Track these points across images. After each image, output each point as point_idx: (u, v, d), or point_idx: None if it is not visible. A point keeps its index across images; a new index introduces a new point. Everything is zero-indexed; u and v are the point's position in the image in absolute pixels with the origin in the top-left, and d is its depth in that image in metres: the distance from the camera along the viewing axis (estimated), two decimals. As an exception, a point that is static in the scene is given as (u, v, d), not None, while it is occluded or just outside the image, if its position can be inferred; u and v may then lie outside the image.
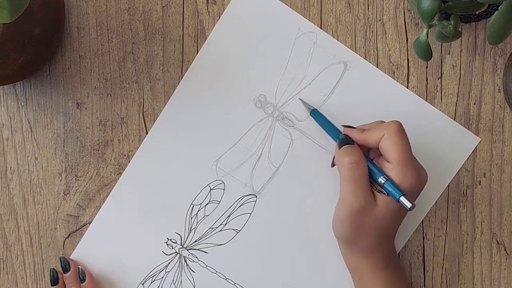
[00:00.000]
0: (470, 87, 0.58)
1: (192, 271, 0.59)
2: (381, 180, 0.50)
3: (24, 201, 0.60)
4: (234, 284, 0.59)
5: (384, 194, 0.50)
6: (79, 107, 0.59)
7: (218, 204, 0.59)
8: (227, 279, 0.59)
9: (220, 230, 0.59)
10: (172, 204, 0.59)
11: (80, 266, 0.58)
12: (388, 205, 0.50)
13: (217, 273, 0.59)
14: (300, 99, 0.58)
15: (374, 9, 0.58)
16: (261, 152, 0.59)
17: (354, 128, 0.54)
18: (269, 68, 0.58)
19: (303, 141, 0.58)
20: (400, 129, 0.51)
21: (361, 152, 0.52)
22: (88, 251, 0.59)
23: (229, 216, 0.59)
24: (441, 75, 0.58)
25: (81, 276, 0.58)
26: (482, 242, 0.59)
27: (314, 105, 0.58)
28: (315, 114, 0.57)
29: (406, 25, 0.58)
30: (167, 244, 0.59)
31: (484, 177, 0.59)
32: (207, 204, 0.59)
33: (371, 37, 0.58)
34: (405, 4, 0.58)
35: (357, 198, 0.50)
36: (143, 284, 0.59)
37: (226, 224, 0.59)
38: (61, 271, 0.58)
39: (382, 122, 0.53)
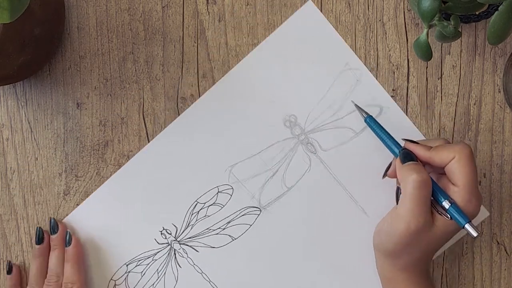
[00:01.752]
0: (470, 87, 0.58)
1: (179, 265, 0.59)
2: (445, 204, 0.49)
3: (24, 201, 0.60)
4: None
5: (446, 217, 0.49)
6: (79, 107, 0.59)
7: (222, 208, 0.59)
8: (211, 282, 0.59)
9: (217, 234, 0.59)
10: (178, 195, 0.59)
11: (69, 230, 0.58)
12: (446, 228, 0.49)
13: (202, 273, 0.59)
14: (353, 102, 0.57)
15: (374, 9, 0.58)
16: (277, 170, 0.59)
17: (417, 143, 0.53)
18: (308, 91, 0.58)
19: (321, 170, 0.58)
20: (472, 154, 0.50)
21: (426, 171, 0.50)
22: (83, 218, 0.59)
23: (229, 222, 0.59)
24: (441, 75, 0.58)
25: (68, 239, 0.58)
26: (482, 243, 0.59)
27: (339, 141, 0.58)
28: (371, 121, 0.56)
29: (406, 25, 0.58)
30: (161, 233, 0.59)
31: (484, 177, 0.59)
32: (211, 205, 0.59)
33: (371, 37, 0.58)
34: (405, 4, 0.58)
35: (417, 218, 0.49)
36: (127, 265, 0.59)
37: (224, 229, 0.59)
38: (49, 231, 0.58)
39: (447, 141, 0.52)
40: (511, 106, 0.58)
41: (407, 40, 0.58)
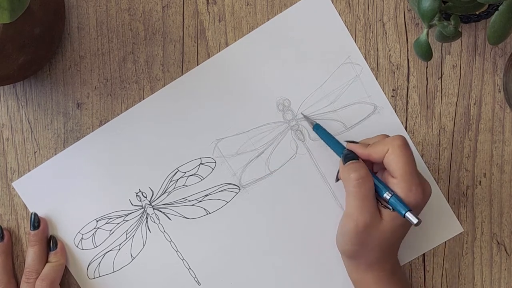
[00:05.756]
0: (470, 87, 0.58)
1: (149, 230, 0.59)
2: (387, 195, 0.50)
3: (24, 201, 0.60)
4: (182, 259, 0.59)
5: (390, 209, 0.50)
6: (79, 107, 0.59)
7: (202, 180, 0.59)
8: (178, 252, 0.59)
9: (192, 205, 0.59)
10: (160, 160, 0.58)
11: (53, 235, 0.58)
12: (393, 220, 0.50)
13: (171, 242, 0.59)
14: (302, 114, 0.58)
15: (374, 9, 0.58)
16: (263, 152, 0.59)
17: (357, 143, 0.54)
18: (305, 78, 0.58)
19: (306, 159, 0.58)
20: (404, 144, 0.50)
21: (366, 167, 0.52)
22: (63, 166, 0.59)
23: (206, 195, 0.59)
24: (441, 75, 0.58)
25: (53, 244, 0.58)
26: (482, 243, 0.59)
27: (330, 131, 0.58)
28: (318, 128, 0.57)
29: (406, 25, 0.58)
30: (137, 195, 0.59)
31: (484, 177, 0.59)
32: (192, 175, 0.59)
33: (371, 37, 0.58)
34: (405, 4, 0.58)
35: (364, 214, 0.50)
36: (97, 221, 0.59)
37: (200, 201, 0.59)
38: (29, 227, 0.58)
39: (386, 136, 0.53)
40: (511, 106, 0.58)
41: (407, 40, 0.58)
